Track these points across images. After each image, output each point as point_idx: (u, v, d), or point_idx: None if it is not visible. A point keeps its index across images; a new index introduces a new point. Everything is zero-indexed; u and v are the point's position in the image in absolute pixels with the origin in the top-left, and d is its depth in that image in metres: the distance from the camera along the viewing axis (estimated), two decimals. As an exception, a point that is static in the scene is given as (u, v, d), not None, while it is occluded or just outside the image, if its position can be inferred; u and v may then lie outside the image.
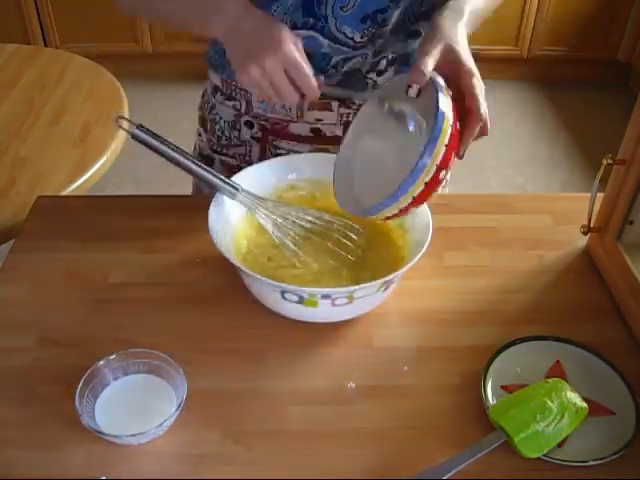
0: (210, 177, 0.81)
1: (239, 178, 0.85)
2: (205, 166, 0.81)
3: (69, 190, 1.39)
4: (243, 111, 0.99)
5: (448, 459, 0.64)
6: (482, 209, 0.99)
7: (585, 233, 0.89)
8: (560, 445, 0.67)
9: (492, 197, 1.05)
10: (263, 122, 0.99)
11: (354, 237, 0.83)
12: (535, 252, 0.92)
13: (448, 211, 0.98)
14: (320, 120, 0.96)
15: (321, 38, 0.88)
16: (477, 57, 0.97)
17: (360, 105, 0.94)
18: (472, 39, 0.92)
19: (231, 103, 1.00)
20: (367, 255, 0.84)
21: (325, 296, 0.73)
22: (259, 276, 0.74)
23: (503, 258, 0.91)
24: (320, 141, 0.98)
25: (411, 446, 0.68)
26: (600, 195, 0.87)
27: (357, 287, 0.73)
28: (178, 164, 0.80)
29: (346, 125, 0.96)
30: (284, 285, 0.74)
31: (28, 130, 1.57)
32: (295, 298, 0.74)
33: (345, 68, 0.91)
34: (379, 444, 0.68)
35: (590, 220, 0.88)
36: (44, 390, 0.73)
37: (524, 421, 0.66)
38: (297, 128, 0.98)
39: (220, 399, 0.72)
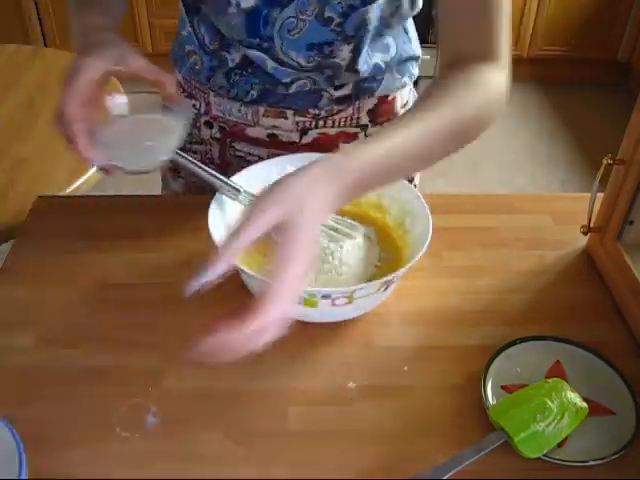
0: (212, 179, 0.81)
1: (239, 178, 0.85)
2: (206, 167, 0.81)
3: (69, 190, 1.39)
4: (202, 111, 0.99)
5: (448, 459, 0.64)
6: (482, 209, 0.99)
7: (585, 233, 0.89)
8: (560, 445, 0.67)
9: (492, 197, 1.05)
10: (222, 124, 0.98)
11: (356, 236, 0.83)
12: (535, 252, 0.92)
13: (448, 211, 0.98)
14: (276, 127, 0.95)
15: (266, 59, 0.87)
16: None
17: (316, 115, 0.93)
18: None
19: (191, 102, 0.99)
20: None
21: (325, 296, 0.73)
22: (259, 276, 0.74)
23: (503, 258, 0.91)
24: (277, 146, 0.97)
25: (411, 446, 0.68)
26: (600, 195, 0.87)
27: (357, 287, 0.73)
28: (176, 163, 0.80)
29: (302, 131, 0.95)
30: None
31: (28, 130, 1.57)
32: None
33: (294, 89, 0.90)
34: (379, 444, 0.68)
35: (590, 220, 0.88)
36: (44, 390, 0.73)
37: (524, 421, 0.66)
38: (254, 132, 0.96)
39: (220, 399, 0.72)
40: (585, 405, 0.69)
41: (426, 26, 2.37)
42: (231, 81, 0.92)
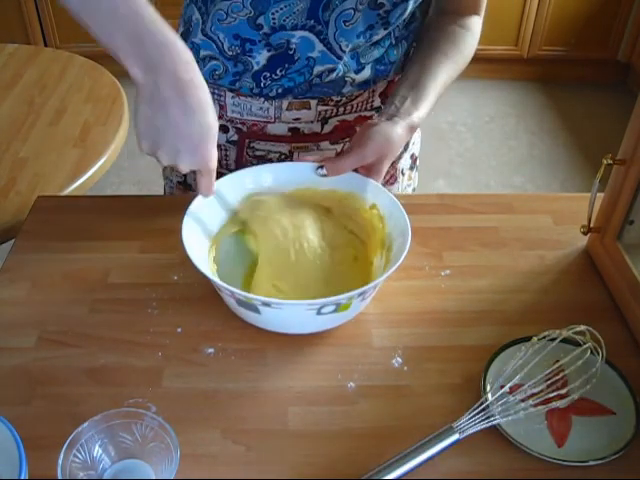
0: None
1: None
2: None
3: (69, 190, 1.39)
4: (217, 115, 0.97)
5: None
6: (482, 209, 0.99)
7: (585, 233, 0.89)
8: (560, 445, 0.67)
9: (492, 197, 1.05)
10: (239, 125, 0.97)
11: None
12: (535, 252, 0.92)
13: (448, 211, 0.98)
14: (298, 119, 0.95)
15: (316, 41, 0.88)
16: (477, 57, 0.98)
17: (338, 101, 0.94)
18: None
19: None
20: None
21: (360, 294, 0.73)
22: (295, 301, 0.73)
23: (503, 258, 0.91)
24: (299, 139, 0.98)
25: (411, 446, 0.68)
26: (600, 195, 0.87)
27: (383, 277, 0.73)
28: None
29: (323, 120, 0.96)
30: (322, 300, 0.71)
31: (28, 130, 1.57)
32: (331, 308, 0.73)
33: (329, 79, 0.91)
34: (379, 444, 0.68)
35: (590, 220, 0.88)
36: (44, 390, 0.73)
37: None
38: (275, 128, 0.96)
39: (220, 399, 0.72)
40: None
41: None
42: (261, 85, 0.92)
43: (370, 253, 0.85)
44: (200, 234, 0.81)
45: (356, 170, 0.86)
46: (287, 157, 0.99)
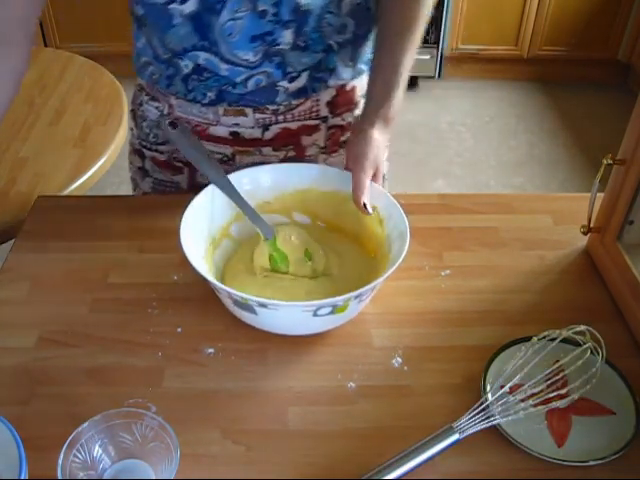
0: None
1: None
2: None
3: (69, 190, 1.39)
4: (166, 112, 0.99)
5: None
6: (482, 209, 0.99)
7: (585, 233, 0.89)
8: (560, 445, 0.67)
9: (492, 197, 1.05)
10: (186, 124, 0.98)
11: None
12: (535, 252, 0.92)
13: (448, 211, 0.98)
14: (237, 124, 0.96)
15: (218, 61, 0.87)
16: (477, 57, 0.98)
17: (275, 110, 0.93)
18: (472, 40, 0.92)
19: (155, 104, 1.00)
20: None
21: (357, 296, 0.72)
22: (291, 303, 0.73)
23: (503, 258, 0.91)
24: (240, 143, 0.98)
25: (411, 446, 0.68)
26: (600, 195, 0.87)
27: (380, 280, 0.73)
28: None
29: (264, 127, 0.96)
30: (318, 302, 0.70)
31: (28, 130, 1.57)
32: (328, 310, 0.73)
33: (250, 87, 0.90)
34: (379, 444, 0.68)
35: (590, 220, 0.88)
36: (44, 390, 0.73)
37: None
38: (217, 130, 0.97)
39: (220, 399, 0.72)
40: None
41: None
42: (189, 87, 0.93)
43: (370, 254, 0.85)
44: (199, 234, 0.81)
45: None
46: (230, 159, 0.99)
